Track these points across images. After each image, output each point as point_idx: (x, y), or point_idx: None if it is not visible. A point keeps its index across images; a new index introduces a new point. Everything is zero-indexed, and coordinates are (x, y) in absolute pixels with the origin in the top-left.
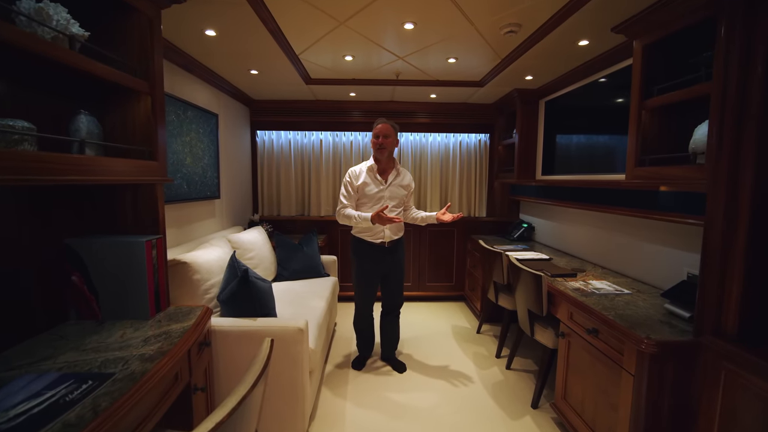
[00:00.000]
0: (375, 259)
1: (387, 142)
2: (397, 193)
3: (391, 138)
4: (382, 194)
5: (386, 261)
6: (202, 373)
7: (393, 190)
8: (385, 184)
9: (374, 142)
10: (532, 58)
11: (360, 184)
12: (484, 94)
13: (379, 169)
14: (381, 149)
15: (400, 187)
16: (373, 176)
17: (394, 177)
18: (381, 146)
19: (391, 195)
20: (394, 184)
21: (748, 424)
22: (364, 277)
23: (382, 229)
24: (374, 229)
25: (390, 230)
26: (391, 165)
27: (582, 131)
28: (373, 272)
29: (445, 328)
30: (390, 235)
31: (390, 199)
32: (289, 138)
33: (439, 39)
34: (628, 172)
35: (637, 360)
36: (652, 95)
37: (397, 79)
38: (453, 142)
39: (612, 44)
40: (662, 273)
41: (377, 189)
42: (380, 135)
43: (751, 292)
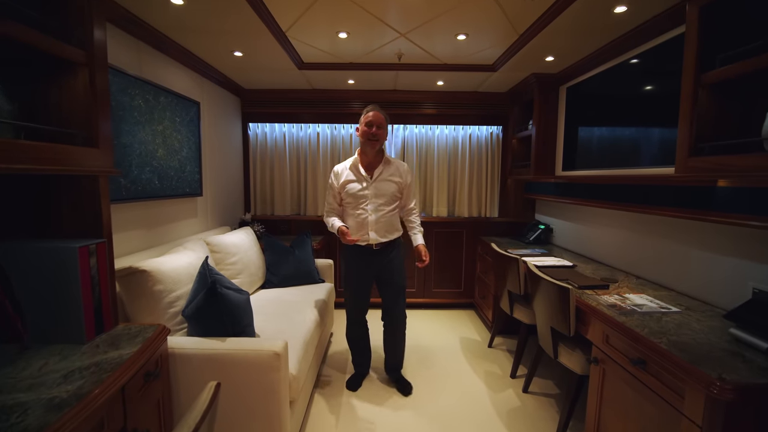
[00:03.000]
0: (364, 261)
1: (381, 134)
2: (385, 189)
3: (384, 129)
4: (365, 192)
5: (376, 264)
6: (151, 410)
7: (380, 186)
8: (369, 180)
9: (365, 132)
10: (555, 33)
11: (343, 182)
12: (496, 80)
13: (365, 162)
14: (373, 141)
15: (389, 181)
16: (356, 171)
17: (381, 171)
18: (374, 137)
19: (378, 192)
20: (381, 179)
21: None
22: (353, 282)
23: (366, 231)
24: (359, 230)
25: (376, 232)
26: (379, 158)
27: (608, 122)
28: (362, 276)
29: (452, 341)
30: (376, 237)
31: (376, 197)
32: (284, 131)
33: (446, 8)
34: (679, 164)
35: (705, 407)
36: (714, 67)
37: (400, 62)
38: (462, 135)
39: (655, 11)
40: (717, 287)
41: (360, 186)
42: (374, 124)
43: None
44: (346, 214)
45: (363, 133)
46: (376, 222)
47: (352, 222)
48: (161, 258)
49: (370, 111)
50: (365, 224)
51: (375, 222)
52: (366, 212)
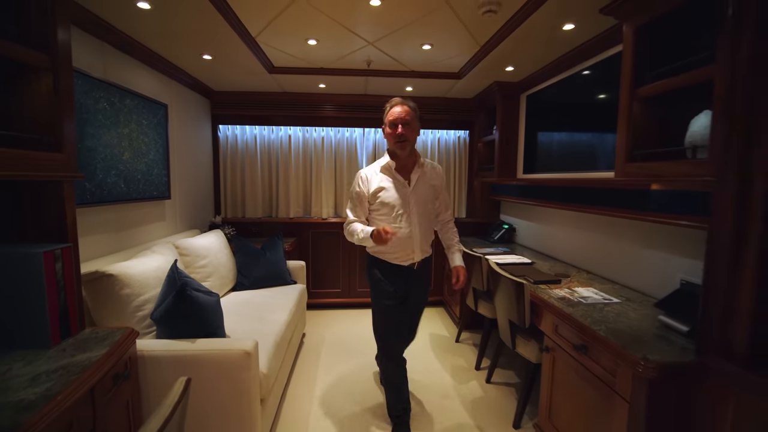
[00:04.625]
0: (403, 283)
1: (409, 133)
2: (425, 196)
3: (413, 125)
4: (404, 200)
5: (412, 284)
6: (121, 412)
7: (420, 192)
8: (408, 186)
9: (390, 134)
10: (513, 44)
11: (375, 190)
12: (462, 87)
13: (398, 166)
14: (402, 143)
15: (428, 186)
16: (391, 177)
17: (419, 174)
18: (402, 138)
19: (418, 200)
20: (420, 183)
21: None
22: (391, 309)
23: (410, 248)
24: (399, 249)
25: (420, 249)
26: (412, 160)
27: (564, 128)
28: (397, 298)
29: (422, 336)
30: (420, 254)
31: (416, 206)
32: (255, 133)
33: (410, 20)
34: (618, 169)
35: (633, 384)
36: (645, 83)
37: (369, 68)
38: (431, 139)
39: (599, 29)
40: (653, 280)
41: (399, 194)
42: (399, 122)
43: (766, 307)
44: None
45: (387, 135)
46: (420, 237)
47: (389, 244)
48: (128, 262)
49: (394, 105)
50: (408, 240)
51: (420, 237)
52: (408, 226)
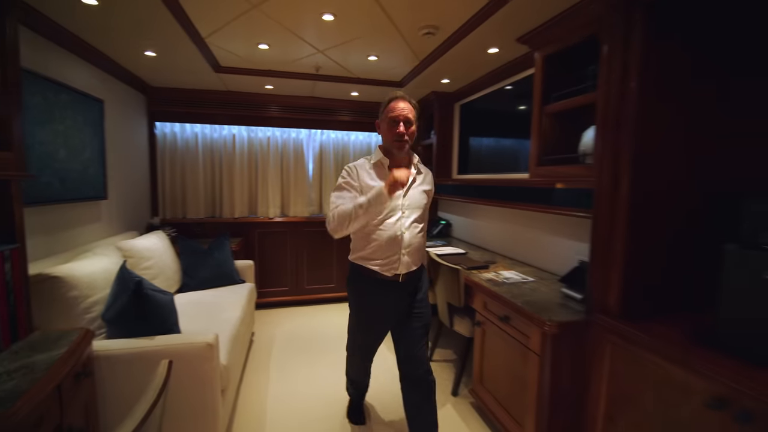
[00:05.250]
0: (388, 299)
1: (412, 134)
2: (419, 200)
3: (414, 125)
4: (396, 202)
5: (401, 301)
6: (81, 409)
7: (414, 196)
8: (402, 188)
9: (389, 131)
10: (448, 62)
11: (365, 185)
12: None
13: (393, 164)
14: (401, 143)
15: (421, 191)
16: (382, 175)
17: (414, 176)
18: (402, 138)
19: (412, 204)
20: (413, 186)
21: (628, 385)
22: (367, 326)
23: (396, 256)
24: (385, 256)
25: (409, 258)
26: (407, 159)
27: (492, 134)
28: (378, 320)
29: None
30: (408, 265)
31: (410, 212)
32: (196, 131)
33: (359, 34)
34: (531, 171)
35: (541, 341)
36: (550, 102)
37: (317, 73)
38: (376, 142)
39: (517, 54)
40: (560, 261)
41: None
42: (402, 120)
43: (629, 276)
44: (364, 229)
45: (386, 132)
46: (409, 245)
47: (372, 245)
48: (73, 264)
49: (394, 101)
50: (395, 247)
51: (409, 245)
52: (398, 230)
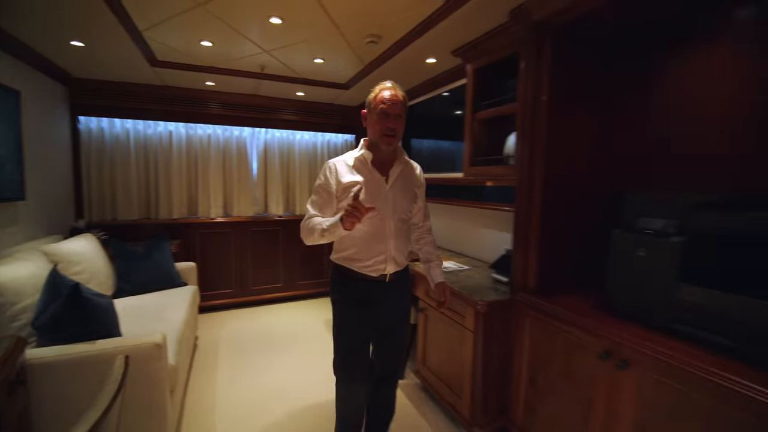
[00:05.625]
0: (370, 301)
1: (400, 127)
2: (404, 198)
3: (404, 119)
4: (380, 199)
5: (387, 304)
6: (15, 420)
7: (399, 193)
8: (386, 184)
9: (377, 123)
10: (391, 68)
11: (346, 185)
12: (350, 96)
13: (376, 159)
14: (390, 137)
15: (409, 188)
16: (367, 171)
17: (399, 171)
18: (391, 133)
19: (396, 202)
20: (400, 183)
21: (544, 350)
22: (353, 332)
23: (383, 256)
24: (370, 256)
25: (396, 258)
26: (393, 154)
27: (432, 136)
28: (366, 322)
29: (316, 324)
30: (395, 264)
31: (394, 208)
32: (128, 127)
33: (305, 38)
34: (465, 171)
35: (474, 319)
36: (480, 109)
37: (262, 72)
38: (321, 141)
39: (453, 64)
40: (491, 251)
41: (375, 190)
42: (392, 112)
43: (544, 260)
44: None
45: (373, 124)
46: (395, 243)
47: (357, 244)
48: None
49: (384, 91)
50: (381, 243)
51: (394, 243)
52: (383, 229)
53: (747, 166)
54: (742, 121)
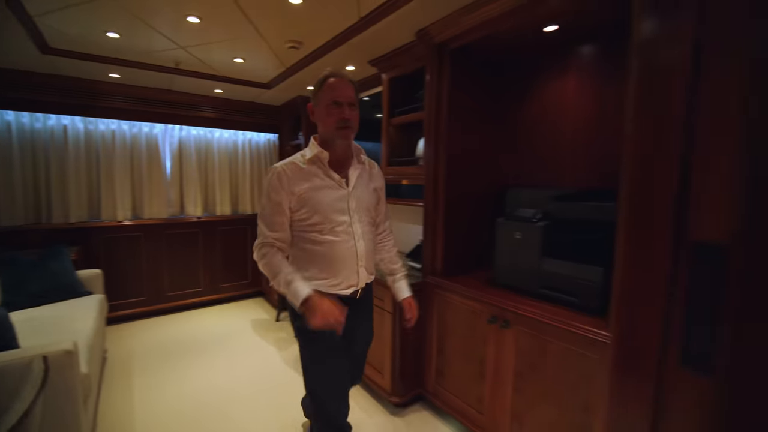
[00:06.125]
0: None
1: (355, 118)
2: (367, 200)
3: (358, 108)
4: (343, 204)
5: (360, 324)
6: None
7: (361, 195)
8: (346, 186)
9: (330, 115)
10: (312, 72)
11: (301, 192)
12: (272, 96)
13: (332, 159)
14: (346, 129)
15: (371, 189)
16: (323, 173)
17: (359, 173)
18: (347, 124)
19: (360, 205)
20: (361, 184)
21: (448, 322)
22: (328, 355)
23: (353, 270)
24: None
25: (366, 270)
26: (349, 152)
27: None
28: (341, 352)
29: (243, 325)
30: (366, 276)
31: (358, 212)
32: (9, 119)
33: (225, 38)
34: (383, 170)
35: (392, 302)
36: (395, 115)
37: (177, 67)
38: (242, 140)
39: (371, 72)
40: (408, 242)
41: (336, 194)
42: (342, 100)
43: (448, 246)
44: (307, 244)
45: (327, 121)
46: (366, 254)
47: (321, 260)
48: None
49: (331, 80)
50: (350, 259)
51: (365, 254)
52: (349, 239)
53: (581, 168)
54: (583, 134)
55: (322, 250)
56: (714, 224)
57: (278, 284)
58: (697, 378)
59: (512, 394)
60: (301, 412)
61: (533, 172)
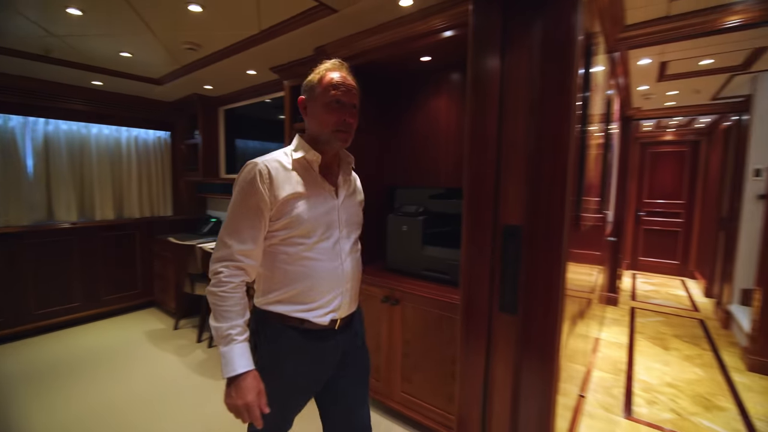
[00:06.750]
0: (317, 359)
1: (356, 122)
2: (354, 214)
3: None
4: (332, 217)
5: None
6: None
7: (350, 209)
8: (336, 197)
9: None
10: (211, 73)
11: (287, 198)
12: (163, 92)
13: (326, 162)
14: (347, 134)
15: (357, 201)
16: (312, 178)
17: (348, 180)
18: (349, 129)
19: (349, 219)
20: (349, 196)
21: None
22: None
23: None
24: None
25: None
26: (338, 158)
27: (258, 137)
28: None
29: (136, 337)
30: (350, 304)
31: (348, 227)
32: None
33: (111, 33)
34: None
35: None
36: (297, 121)
37: (47, 55)
38: (127, 137)
39: (273, 77)
40: None
41: (326, 205)
42: (346, 101)
43: None
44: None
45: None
46: (353, 276)
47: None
48: None
49: (331, 72)
50: (334, 282)
51: (352, 276)
52: (335, 257)
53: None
54: (452, 143)
55: (301, 271)
56: (513, 212)
57: (216, 333)
58: (508, 318)
59: (401, 359)
60: (212, 416)
61: (419, 174)
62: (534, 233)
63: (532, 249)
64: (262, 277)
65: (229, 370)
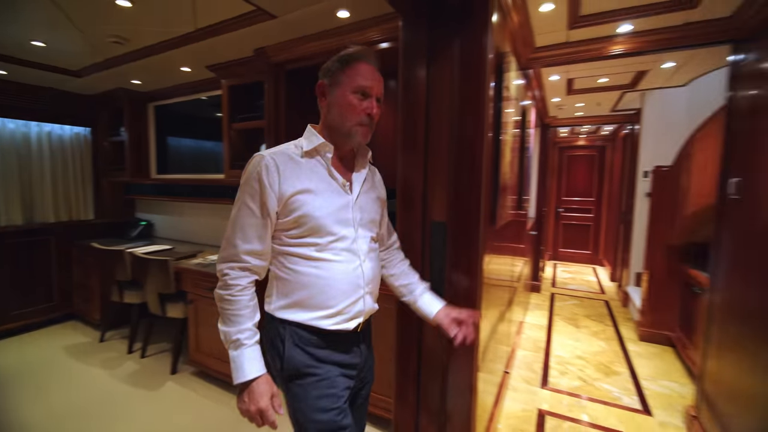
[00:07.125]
0: (346, 362)
1: (378, 117)
2: (372, 211)
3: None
4: (347, 214)
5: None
6: None
7: (366, 205)
8: (350, 192)
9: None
10: (138, 68)
11: (295, 192)
12: (83, 84)
13: (340, 155)
14: (369, 128)
15: (376, 198)
16: (325, 171)
17: (364, 176)
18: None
19: (364, 215)
20: (366, 191)
21: None
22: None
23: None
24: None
25: (372, 296)
26: (352, 152)
27: (193, 136)
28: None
29: (54, 353)
30: (371, 303)
31: (362, 226)
32: None
33: (21, 21)
34: (226, 173)
35: None
36: (236, 121)
37: None
38: (38, 132)
39: (210, 75)
40: None
41: (340, 201)
42: (373, 93)
43: None
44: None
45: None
46: (372, 277)
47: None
48: None
49: (362, 63)
50: (353, 284)
51: (372, 278)
52: (354, 258)
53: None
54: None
55: (316, 273)
56: (439, 210)
57: (224, 336)
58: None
59: None
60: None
61: None
62: (456, 229)
63: (455, 243)
64: (274, 278)
65: (239, 375)
